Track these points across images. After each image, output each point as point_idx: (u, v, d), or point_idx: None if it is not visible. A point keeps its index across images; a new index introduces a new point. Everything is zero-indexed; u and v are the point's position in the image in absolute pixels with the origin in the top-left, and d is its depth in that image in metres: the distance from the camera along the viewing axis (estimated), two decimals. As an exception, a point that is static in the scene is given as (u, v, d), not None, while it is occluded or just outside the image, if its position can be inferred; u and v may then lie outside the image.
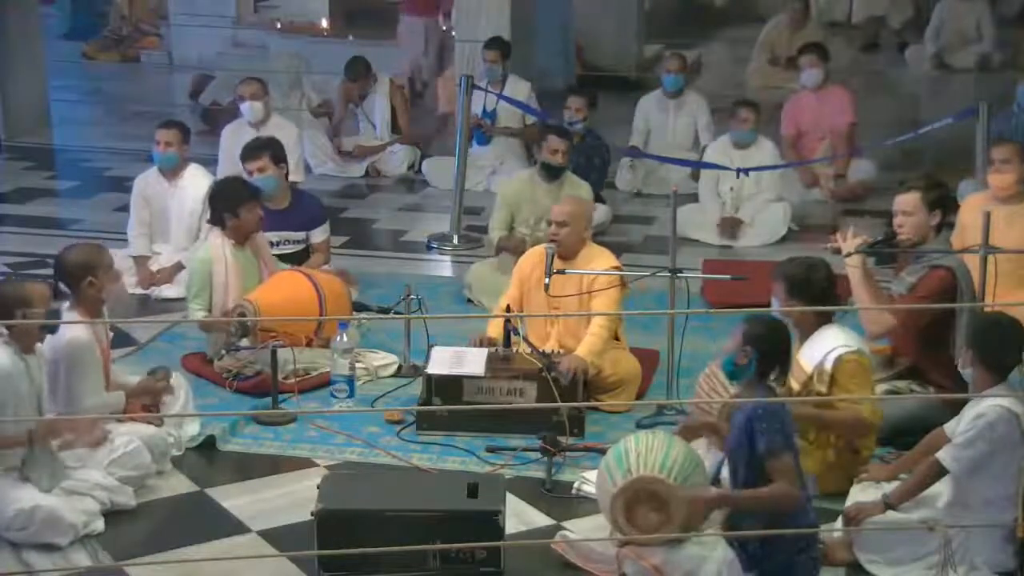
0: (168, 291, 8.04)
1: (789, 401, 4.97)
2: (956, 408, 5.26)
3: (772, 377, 4.94)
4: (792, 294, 5.60)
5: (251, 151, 7.77)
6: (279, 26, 15.07)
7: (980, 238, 5.99)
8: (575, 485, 5.67)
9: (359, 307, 7.36)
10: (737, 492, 4.90)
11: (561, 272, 6.45)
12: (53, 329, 5.48)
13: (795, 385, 5.48)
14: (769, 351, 4.89)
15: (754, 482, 4.80)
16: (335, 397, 6.47)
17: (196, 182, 8.22)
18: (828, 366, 5.49)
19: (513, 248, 7.84)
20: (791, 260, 5.82)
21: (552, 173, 8.08)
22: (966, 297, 6.03)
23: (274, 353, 6.33)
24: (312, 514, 5.03)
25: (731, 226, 9.22)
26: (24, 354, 5.33)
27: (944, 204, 6.25)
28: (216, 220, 6.98)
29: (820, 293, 5.58)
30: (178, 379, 6.19)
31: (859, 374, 5.52)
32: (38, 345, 5.47)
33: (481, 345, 6.52)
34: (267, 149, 7.74)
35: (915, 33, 16.09)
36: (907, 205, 6.22)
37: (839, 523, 5.15)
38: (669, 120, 10.66)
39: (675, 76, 10.58)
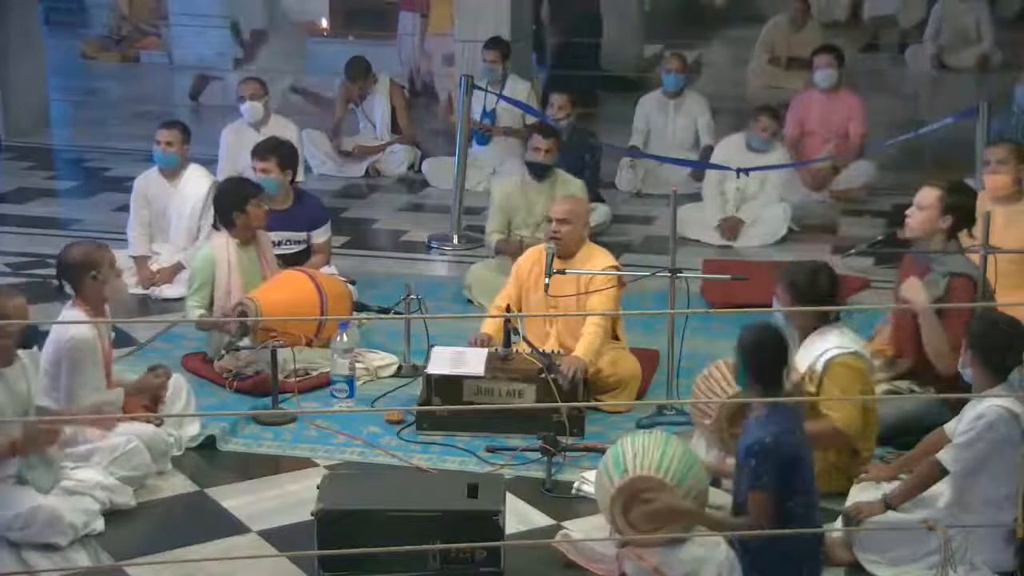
0: (168, 291, 8.05)
1: (785, 401, 4.96)
2: (956, 408, 5.26)
3: (772, 385, 4.90)
4: (797, 299, 5.57)
5: (262, 151, 7.79)
6: (279, 26, 15.07)
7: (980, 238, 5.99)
8: (575, 485, 5.67)
9: (359, 307, 7.36)
10: (710, 512, 4.90)
11: (561, 272, 6.45)
12: (28, 342, 5.42)
13: (787, 386, 5.45)
14: (755, 359, 4.85)
15: (743, 503, 4.82)
16: (335, 397, 6.47)
17: (196, 182, 8.22)
18: (819, 368, 5.48)
19: (511, 251, 7.81)
20: (796, 264, 5.78)
21: (540, 172, 8.08)
22: (981, 300, 6.02)
23: (274, 353, 6.34)
24: (312, 514, 5.02)
25: (732, 226, 9.22)
26: (2, 367, 5.24)
27: (962, 213, 6.15)
28: (224, 219, 6.98)
29: (824, 296, 5.56)
30: (178, 379, 6.19)
31: (847, 378, 5.49)
32: (22, 352, 5.39)
33: (480, 344, 6.52)
34: (277, 153, 7.76)
35: (915, 33, 16.10)
36: (923, 199, 6.19)
37: (839, 523, 5.15)
38: (669, 120, 10.66)
39: (675, 76, 10.58)
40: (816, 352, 5.52)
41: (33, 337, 5.48)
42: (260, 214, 7.02)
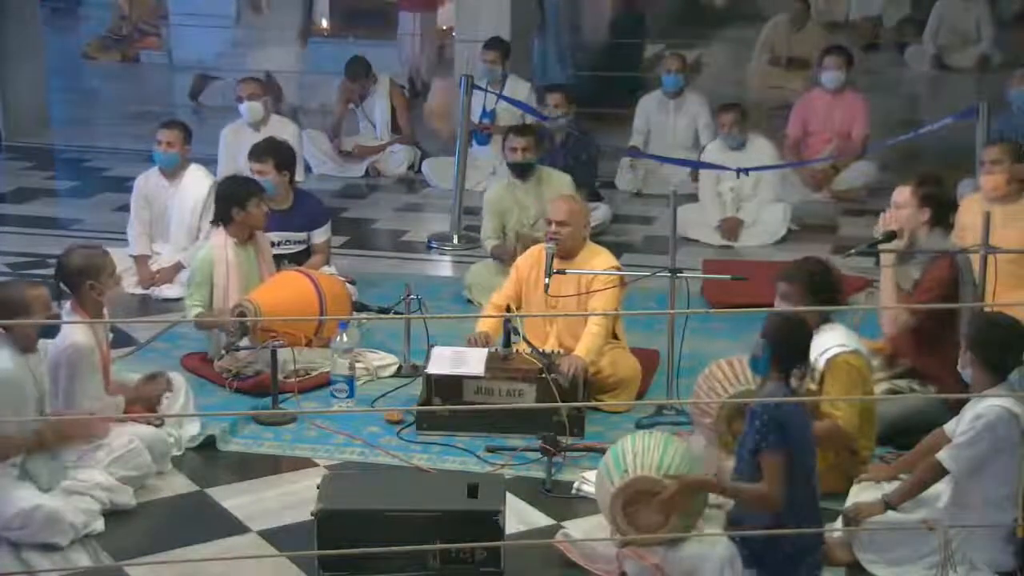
0: (168, 291, 8.05)
1: (787, 401, 4.96)
2: (956, 407, 5.26)
3: (795, 374, 4.91)
4: (801, 296, 5.56)
5: (259, 153, 7.78)
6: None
7: (978, 238, 6.01)
8: (575, 485, 5.67)
9: (359, 307, 7.36)
10: (721, 480, 4.91)
11: (561, 272, 6.45)
12: (52, 331, 5.48)
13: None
14: (782, 346, 4.85)
15: (750, 475, 4.80)
16: (335, 397, 6.47)
17: (197, 182, 8.22)
18: (821, 366, 5.49)
19: (507, 256, 7.77)
20: (804, 260, 5.77)
21: (521, 171, 8.06)
22: (967, 285, 6.05)
23: (274, 353, 6.34)
24: (312, 514, 5.03)
25: (732, 226, 9.22)
26: (25, 353, 5.33)
27: (935, 201, 6.24)
28: (223, 216, 6.97)
29: (830, 292, 5.57)
30: (178, 379, 6.19)
31: (850, 377, 5.49)
32: (42, 342, 5.47)
33: (478, 344, 6.51)
34: (273, 155, 7.75)
35: (915, 33, 16.10)
36: (898, 197, 6.32)
37: (839, 523, 5.15)
38: (669, 120, 10.66)
39: (675, 76, 10.58)
40: (817, 351, 5.52)
41: (52, 327, 5.50)
42: (260, 214, 7.02)
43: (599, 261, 6.60)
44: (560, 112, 9.51)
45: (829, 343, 5.52)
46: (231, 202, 6.94)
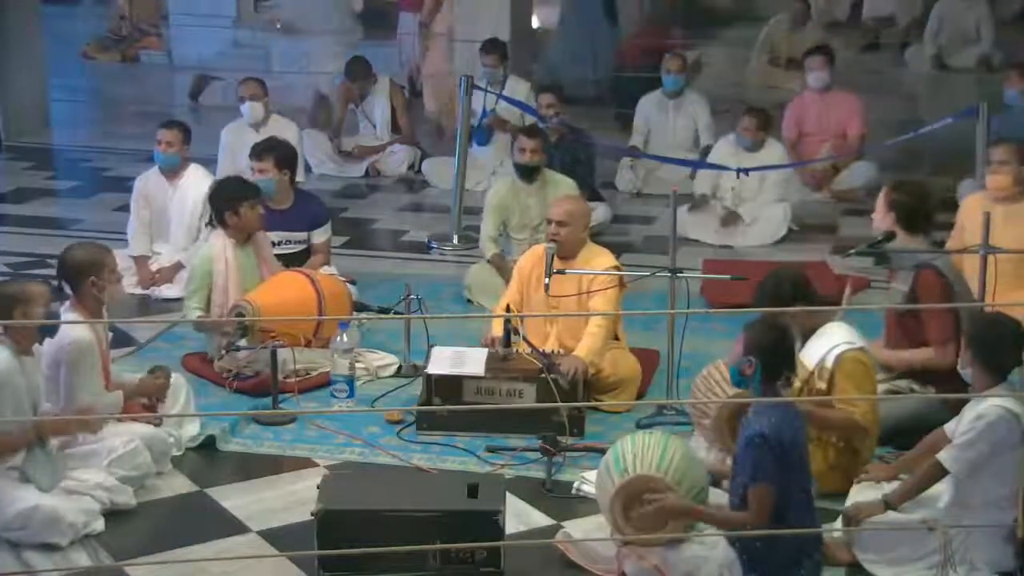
0: (168, 291, 8.05)
1: (790, 402, 4.96)
2: (956, 408, 5.26)
3: (779, 382, 4.93)
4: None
5: (259, 151, 7.79)
6: (279, 26, 15.05)
7: (979, 238, 6.00)
8: (575, 485, 5.67)
9: (359, 307, 7.36)
10: (707, 508, 4.92)
11: (561, 272, 6.45)
12: (51, 331, 5.47)
13: (796, 383, 5.46)
14: (772, 357, 4.86)
15: (742, 496, 4.81)
16: (335, 397, 6.47)
17: (196, 182, 8.22)
18: (829, 363, 5.49)
19: (504, 270, 7.73)
20: (760, 292, 5.71)
21: (527, 173, 8.04)
22: (958, 292, 6.04)
23: (274, 353, 6.34)
24: (312, 514, 5.03)
25: (730, 221, 9.21)
26: (21, 355, 5.32)
27: (901, 208, 6.18)
28: (217, 218, 6.99)
29: (801, 296, 5.57)
30: (178, 379, 6.19)
31: (859, 373, 5.51)
32: (36, 346, 5.47)
33: (492, 345, 6.50)
34: (274, 153, 7.75)
35: (916, 33, 16.09)
36: (879, 197, 6.35)
37: (839, 523, 5.15)
38: (669, 120, 10.66)
39: (675, 76, 10.58)
40: (824, 348, 5.52)
41: (51, 330, 5.50)
42: (254, 216, 6.99)
43: (600, 261, 6.59)
44: (552, 112, 9.48)
45: (836, 341, 5.53)
46: (223, 205, 6.95)
